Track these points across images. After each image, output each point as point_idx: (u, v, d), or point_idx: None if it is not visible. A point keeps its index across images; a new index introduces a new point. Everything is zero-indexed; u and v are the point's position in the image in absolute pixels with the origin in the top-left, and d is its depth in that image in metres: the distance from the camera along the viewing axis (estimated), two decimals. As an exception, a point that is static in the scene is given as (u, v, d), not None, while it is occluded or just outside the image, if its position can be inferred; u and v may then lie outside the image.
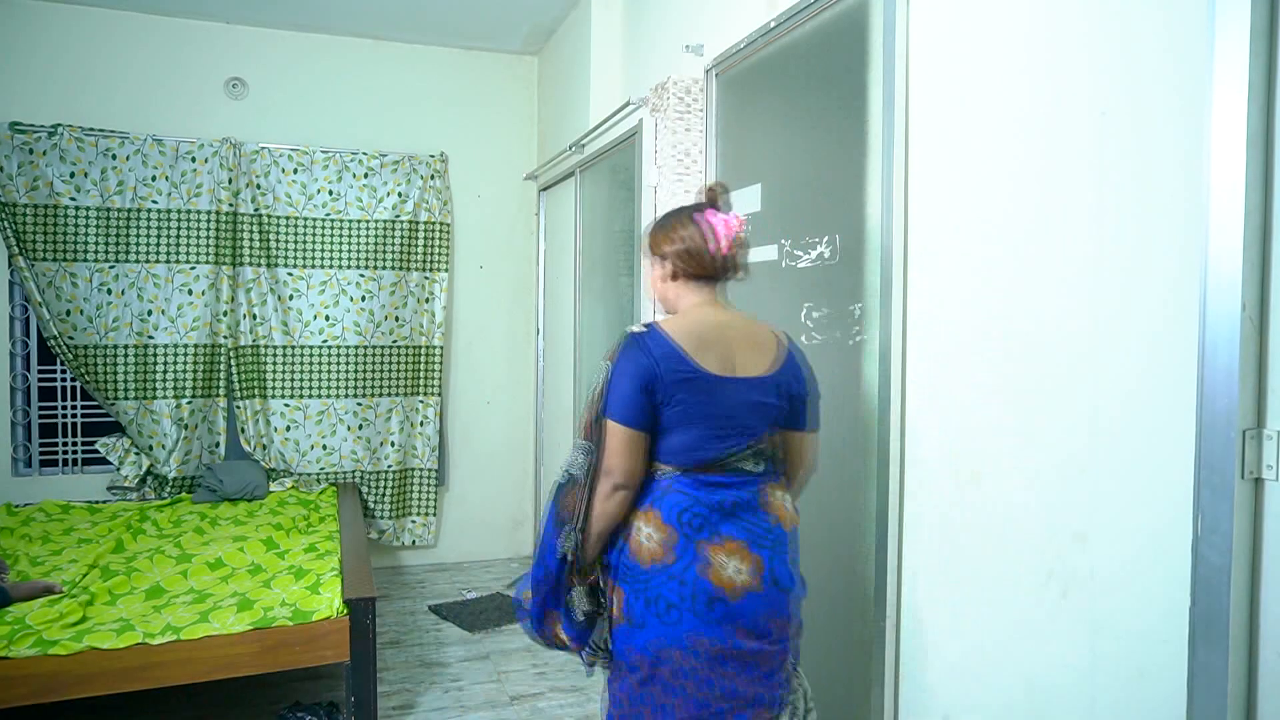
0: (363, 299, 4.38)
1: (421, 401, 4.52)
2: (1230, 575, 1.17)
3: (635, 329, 1.64)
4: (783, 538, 1.66)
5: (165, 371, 4.11)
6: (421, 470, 4.54)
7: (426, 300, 4.50)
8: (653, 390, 1.58)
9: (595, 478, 1.60)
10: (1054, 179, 1.50)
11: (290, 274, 4.29)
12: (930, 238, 1.82)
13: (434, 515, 4.58)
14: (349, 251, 4.36)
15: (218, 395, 4.21)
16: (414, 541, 4.55)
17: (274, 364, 4.28)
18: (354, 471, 4.42)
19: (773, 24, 2.37)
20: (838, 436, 2.14)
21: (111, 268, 4.02)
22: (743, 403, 1.63)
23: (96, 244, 3.99)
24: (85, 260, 3.97)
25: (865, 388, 2.03)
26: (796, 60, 2.33)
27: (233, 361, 4.21)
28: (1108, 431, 1.39)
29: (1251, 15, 1.15)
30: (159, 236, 4.07)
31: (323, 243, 4.33)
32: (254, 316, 4.24)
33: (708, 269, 1.70)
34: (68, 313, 3.96)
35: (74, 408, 4.19)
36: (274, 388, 4.29)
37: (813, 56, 2.26)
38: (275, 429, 4.30)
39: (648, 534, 1.60)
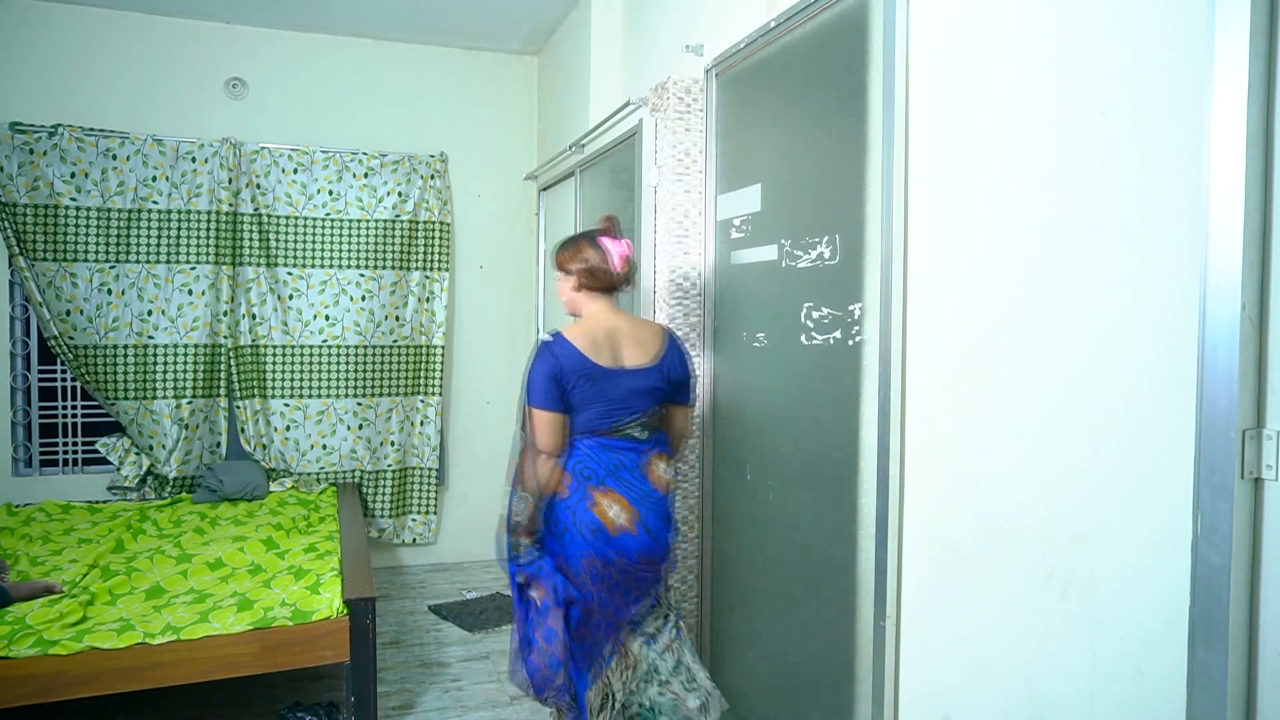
0: (363, 298, 4.38)
1: (422, 401, 4.52)
2: (1230, 575, 1.17)
3: (544, 337, 2.19)
4: (659, 500, 2.21)
5: (165, 371, 4.11)
6: (422, 470, 4.54)
7: (427, 300, 4.50)
8: (560, 381, 2.12)
9: (526, 453, 2.16)
10: (1054, 179, 1.50)
11: (290, 273, 4.29)
12: (931, 238, 1.82)
13: (434, 513, 4.58)
14: (349, 251, 4.36)
15: (218, 395, 4.21)
16: (415, 539, 4.55)
17: (274, 364, 4.28)
18: (354, 471, 4.42)
19: (773, 24, 2.37)
20: (838, 436, 2.14)
21: (112, 268, 4.02)
22: (629, 388, 2.18)
23: (97, 244, 3.99)
24: (85, 260, 3.98)
25: (865, 388, 2.03)
26: (796, 60, 2.33)
27: (232, 361, 4.21)
28: (1108, 432, 1.39)
29: (1251, 15, 1.15)
30: (159, 236, 4.07)
31: (323, 242, 4.33)
32: (254, 316, 4.24)
33: (606, 283, 2.24)
34: (68, 313, 3.96)
35: (74, 408, 4.19)
36: (274, 387, 4.29)
37: (813, 56, 2.26)
38: (275, 429, 4.30)
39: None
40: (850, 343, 2.09)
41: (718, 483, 2.83)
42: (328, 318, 4.34)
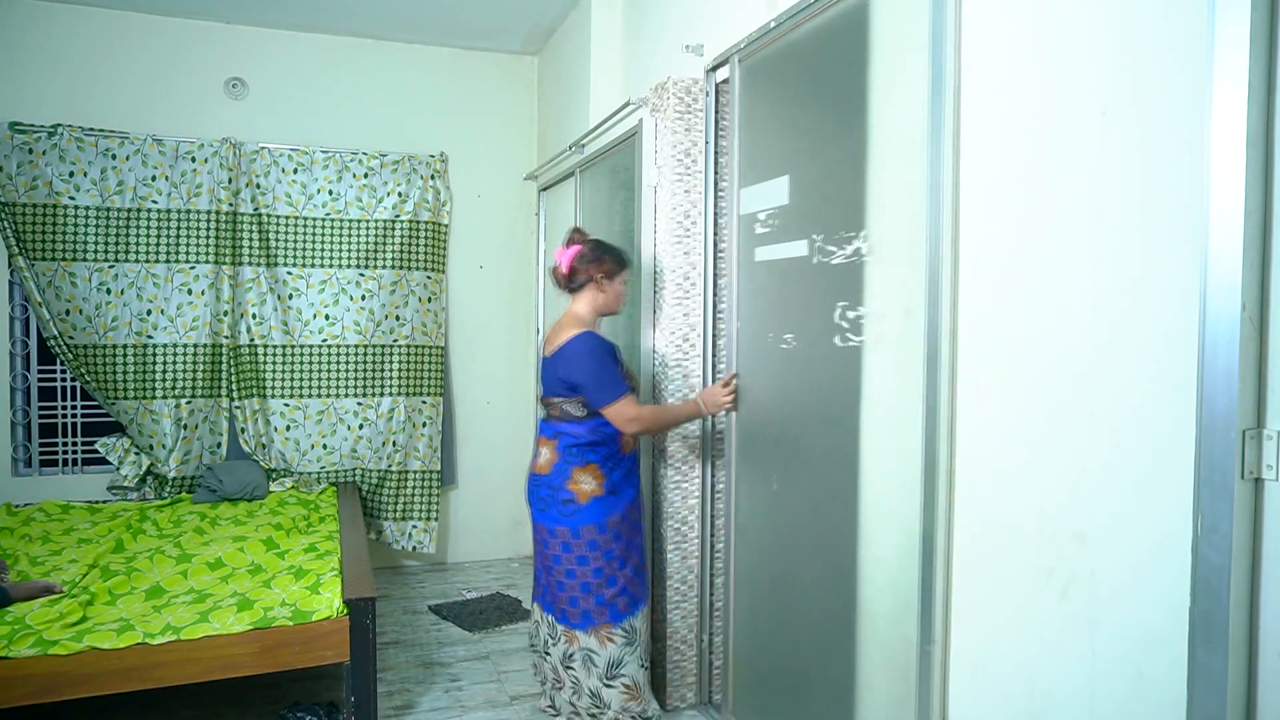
0: (363, 298, 4.37)
1: (424, 401, 4.51)
2: (1230, 575, 1.17)
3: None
4: (533, 477, 2.67)
5: (165, 371, 4.11)
6: (424, 472, 4.52)
7: (429, 300, 4.50)
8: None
9: None
10: (1054, 178, 1.50)
11: (290, 273, 4.29)
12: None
13: (435, 519, 4.53)
14: (349, 251, 4.36)
15: (218, 395, 4.21)
16: (415, 547, 4.52)
17: (273, 363, 4.28)
18: (354, 470, 4.42)
19: (773, 24, 2.37)
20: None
21: (111, 267, 4.02)
22: (543, 374, 2.69)
23: (96, 244, 3.99)
24: (85, 260, 3.97)
25: (910, 391, 1.96)
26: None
27: (232, 361, 4.21)
28: (1108, 431, 1.40)
29: (1251, 15, 1.15)
30: (159, 236, 4.07)
31: (322, 242, 4.33)
32: (253, 316, 4.24)
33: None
34: (67, 312, 3.96)
35: (74, 408, 4.19)
36: (273, 387, 4.29)
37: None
38: (275, 429, 4.29)
39: None
40: (888, 344, 1.95)
41: (739, 489, 2.67)
42: (328, 317, 4.34)
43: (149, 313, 4.08)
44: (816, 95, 2.25)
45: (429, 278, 4.49)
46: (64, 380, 4.17)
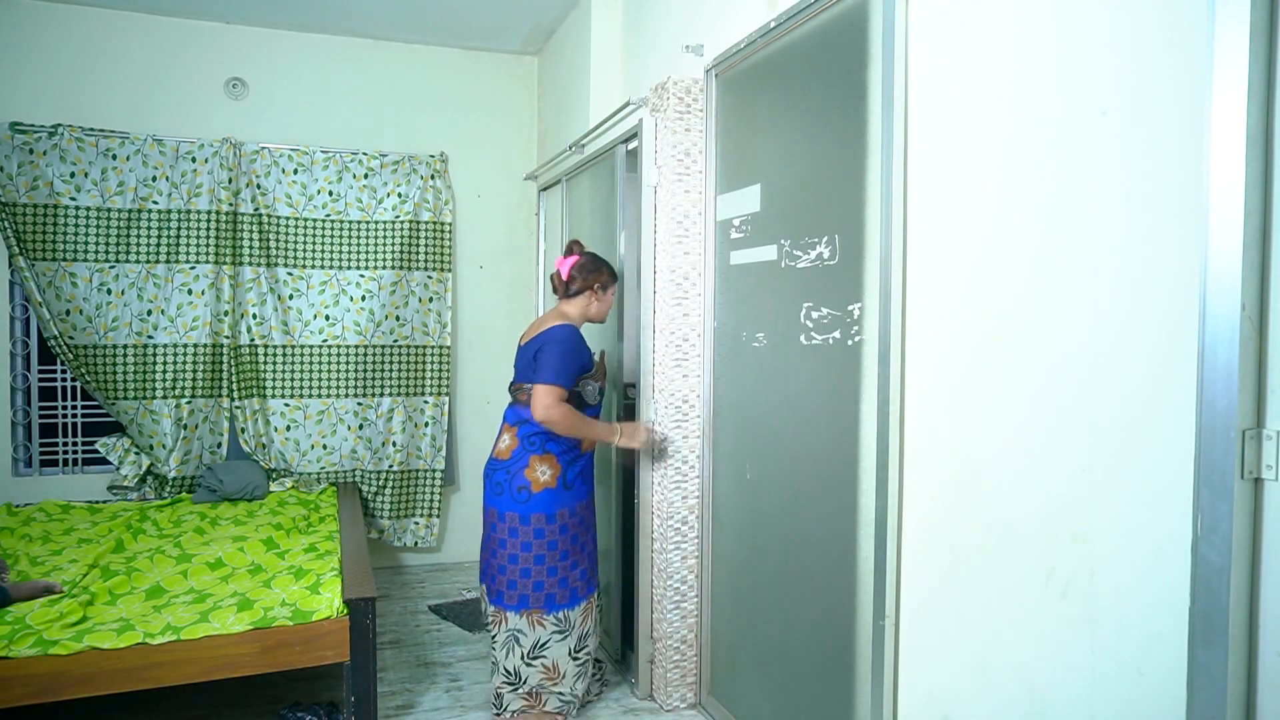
0: (363, 299, 4.37)
1: (426, 401, 4.51)
2: (1230, 575, 1.17)
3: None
4: (490, 460, 2.76)
5: (165, 371, 4.11)
6: (426, 471, 4.52)
7: (429, 300, 4.50)
8: None
9: None
10: (1055, 179, 1.50)
11: (290, 274, 4.29)
12: (932, 239, 1.82)
13: (437, 517, 4.55)
14: (349, 251, 4.36)
15: (218, 395, 4.21)
16: (416, 543, 4.54)
17: (273, 364, 4.28)
18: (354, 470, 4.42)
19: (773, 24, 2.37)
20: (837, 436, 2.14)
21: (111, 268, 4.02)
22: (517, 360, 2.78)
23: (96, 244, 3.99)
24: (85, 260, 3.97)
25: (865, 388, 2.03)
26: (797, 60, 2.33)
27: (232, 361, 4.20)
28: (1107, 431, 1.40)
29: (1251, 15, 1.15)
30: (159, 236, 4.07)
31: (323, 243, 4.33)
32: (254, 316, 4.24)
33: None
34: (68, 313, 3.96)
35: (74, 408, 4.19)
36: (273, 387, 4.29)
37: (813, 57, 2.26)
38: (275, 429, 4.29)
39: None
40: (849, 343, 2.09)
41: (717, 481, 2.83)
42: (328, 318, 4.34)
43: (149, 313, 4.08)
44: (785, 111, 2.40)
45: (430, 277, 4.49)
46: (64, 380, 4.17)
